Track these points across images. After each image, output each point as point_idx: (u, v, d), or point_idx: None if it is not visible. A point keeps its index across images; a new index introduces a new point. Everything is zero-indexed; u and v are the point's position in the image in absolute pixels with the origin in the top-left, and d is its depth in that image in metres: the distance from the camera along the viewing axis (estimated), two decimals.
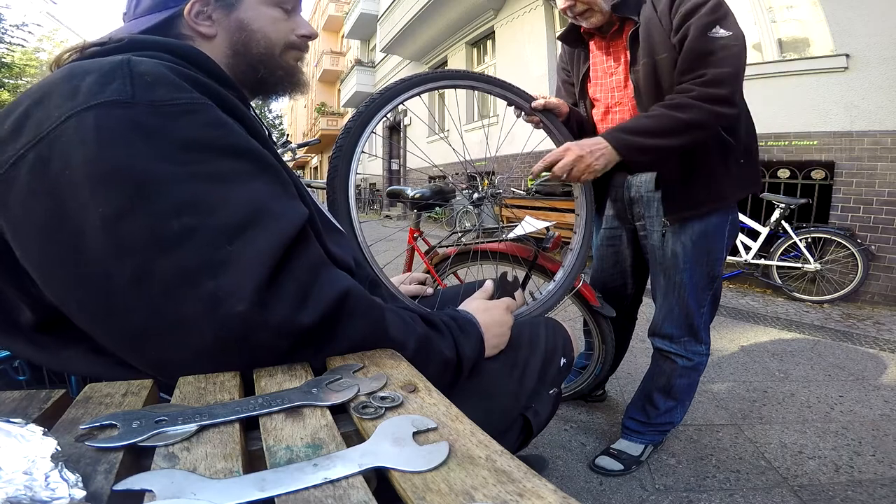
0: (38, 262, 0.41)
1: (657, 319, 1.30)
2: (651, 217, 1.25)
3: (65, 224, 0.38)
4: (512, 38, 7.07)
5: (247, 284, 0.39)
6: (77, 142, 0.38)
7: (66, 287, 0.40)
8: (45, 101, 0.41)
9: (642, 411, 1.36)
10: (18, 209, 0.40)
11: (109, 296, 0.39)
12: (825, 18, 3.33)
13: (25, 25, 14.25)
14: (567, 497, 0.26)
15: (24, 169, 0.39)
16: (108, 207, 0.38)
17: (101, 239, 0.38)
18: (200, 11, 0.57)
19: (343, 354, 0.47)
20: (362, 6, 11.87)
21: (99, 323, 0.41)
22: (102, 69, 0.42)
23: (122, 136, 0.39)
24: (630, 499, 1.22)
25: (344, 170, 0.84)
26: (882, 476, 1.29)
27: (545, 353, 0.71)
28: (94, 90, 0.40)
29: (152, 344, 0.40)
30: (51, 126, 0.39)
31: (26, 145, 0.39)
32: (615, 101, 1.22)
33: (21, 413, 0.35)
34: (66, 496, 0.25)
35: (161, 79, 0.42)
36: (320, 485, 0.27)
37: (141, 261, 0.38)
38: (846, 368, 2.07)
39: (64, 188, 0.38)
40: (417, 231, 1.92)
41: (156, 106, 0.41)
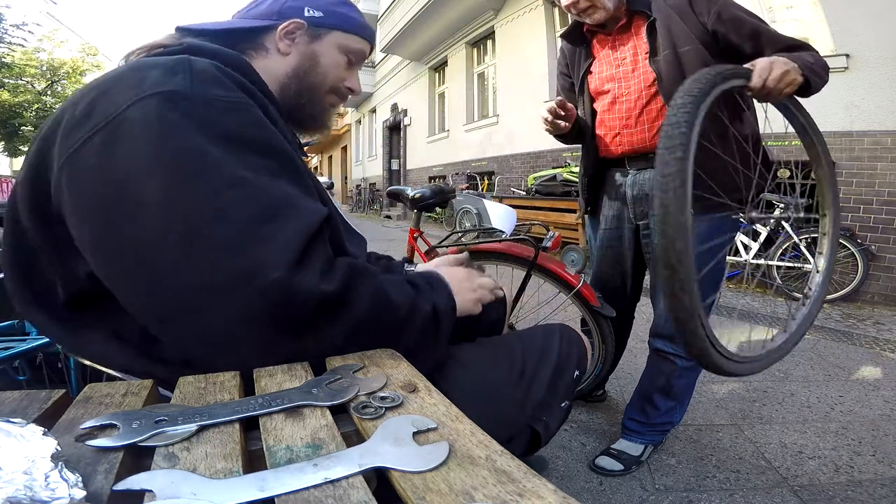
0: (95, 235, 0.44)
1: (658, 320, 1.29)
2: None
3: (125, 198, 0.42)
4: (512, 38, 7.06)
5: (281, 257, 0.43)
6: (141, 123, 0.43)
7: (117, 258, 0.44)
8: (113, 89, 0.46)
9: (641, 412, 1.35)
10: (83, 186, 0.44)
11: (158, 263, 0.42)
12: (825, 18, 3.33)
13: (25, 25, 14.26)
14: (567, 497, 0.26)
15: (91, 150, 0.43)
16: (167, 181, 0.42)
17: (158, 209, 0.42)
18: (290, 32, 0.66)
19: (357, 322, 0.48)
20: (362, 6, 11.85)
21: (141, 292, 0.44)
22: (167, 64, 0.47)
23: (181, 122, 0.43)
24: (630, 499, 1.22)
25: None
26: (882, 476, 1.29)
27: (557, 364, 0.69)
28: (158, 80, 0.45)
29: (187, 312, 0.43)
30: (118, 110, 0.43)
31: (94, 128, 0.44)
32: (621, 92, 1.20)
33: (21, 413, 0.35)
34: (66, 496, 0.25)
35: (213, 78, 0.48)
36: (320, 485, 0.27)
37: (191, 229, 0.42)
38: (846, 368, 2.07)
39: (126, 168, 0.42)
40: (417, 231, 1.92)
41: (208, 100, 0.46)
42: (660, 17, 1.10)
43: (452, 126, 8.96)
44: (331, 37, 0.69)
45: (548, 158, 6.10)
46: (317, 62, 0.69)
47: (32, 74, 16.14)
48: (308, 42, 0.68)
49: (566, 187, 4.56)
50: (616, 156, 1.27)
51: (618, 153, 1.26)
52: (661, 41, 1.10)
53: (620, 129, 1.22)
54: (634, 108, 1.18)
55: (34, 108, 16.04)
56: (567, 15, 1.46)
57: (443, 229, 6.73)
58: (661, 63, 1.10)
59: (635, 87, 1.17)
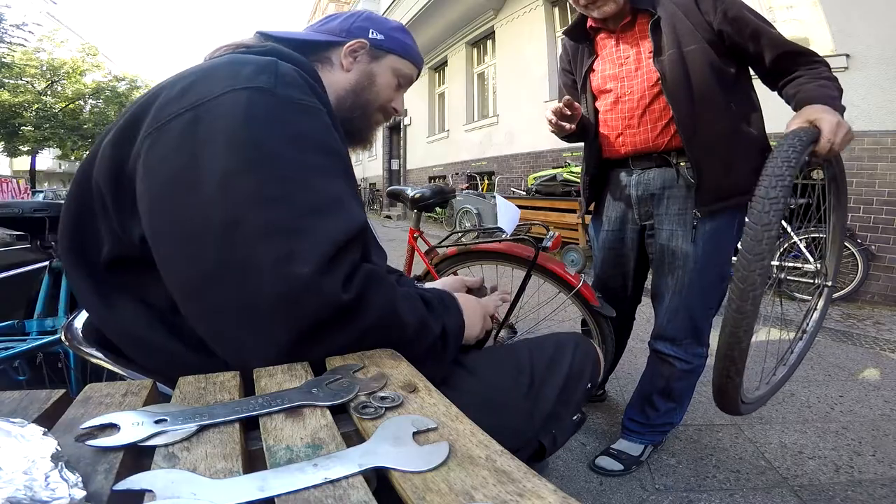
0: (156, 196, 0.48)
1: (661, 322, 1.27)
2: (661, 215, 1.21)
3: (191, 169, 0.46)
4: (512, 38, 7.06)
5: (316, 254, 0.45)
6: (229, 111, 0.47)
7: (170, 220, 0.47)
8: (210, 76, 0.51)
9: (641, 412, 1.35)
10: (160, 153, 0.48)
11: (202, 233, 0.45)
12: (825, 18, 3.33)
13: (25, 25, 14.25)
14: (567, 497, 0.26)
15: (179, 124, 0.48)
16: (231, 164, 0.45)
17: (216, 187, 0.45)
18: (354, 50, 0.73)
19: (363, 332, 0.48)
20: (362, 6, 11.87)
21: (181, 258, 0.47)
22: (259, 63, 0.52)
23: (263, 115, 0.48)
24: (630, 499, 1.22)
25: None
26: (882, 476, 1.29)
27: (568, 375, 0.68)
28: (249, 76, 0.50)
29: (217, 284, 0.45)
30: (211, 95, 0.48)
31: (187, 106, 0.48)
32: (623, 91, 1.19)
33: (21, 413, 0.35)
34: (66, 496, 0.25)
35: (294, 81, 0.52)
36: (320, 485, 0.27)
37: (240, 210, 0.45)
38: (846, 368, 2.07)
39: (204, 144, 0.46)
40: (417, 231, 1.92)
41: (288, 100, 0.50)
42: (665, 16, 1.09)
43: (452, 126, 8.96)
44: (388, 59, 0.76)
45: (548, 158, 6.10)
46: (373, 81, 0.75)
47: (32, 74, 16.12)
48: (368, 62, 0.75)
49: (566, 187, 4.56)
50: (620, 156, 1.26)
51: (621, 153, 1.24)
52: (665, 40, 1.08)
53: (623, 130, 1.21)
54: (637, 108, 1.17)
55: (34, 108, 16.03)
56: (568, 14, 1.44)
57: (443, 229, 6.73)
58: (666, 62, 1.09)
59: (638, 87, 1.16)
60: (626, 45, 1.18)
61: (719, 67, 1.07)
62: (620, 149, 1.23)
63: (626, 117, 1.19)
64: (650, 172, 1.22)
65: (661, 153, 1.18)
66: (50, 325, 1.39)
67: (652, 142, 1.17)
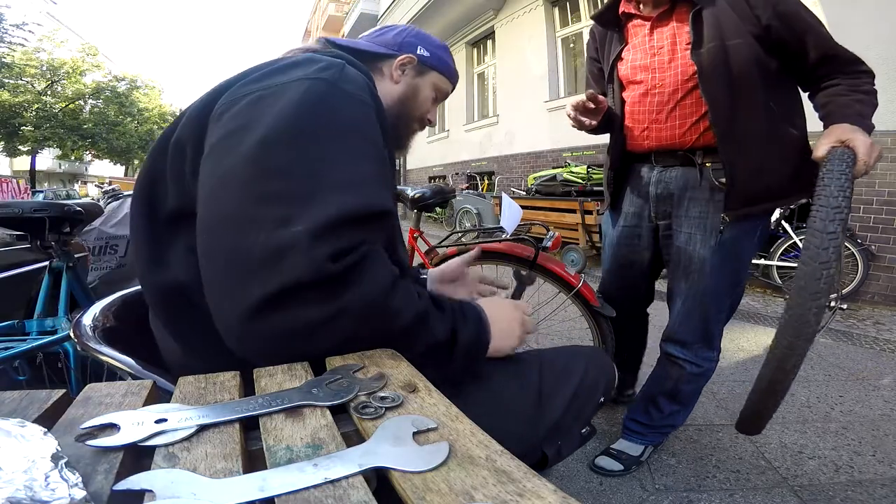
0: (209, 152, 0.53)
1: (673, 324, 1.24)
2: (680, 216, 1.17)
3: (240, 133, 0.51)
4: (512, 38, 7.06)
5: (314, 218, 0.46)
6: (289, 94, 0.53)
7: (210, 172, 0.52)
8: (286, 69, 0.57)
9: (645, 413, 1.34)
10: (226, 122, 0.53)
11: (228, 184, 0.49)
12: (825, 18, 3.33)
13: (25, 25, 14.25)
14: (567, 497, 0.26)
15: (247, 101, 0.54)
16: (271, 134, 0.49)
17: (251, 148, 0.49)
18: (403, 64, 0.80)
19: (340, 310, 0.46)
20: (362, 6, 11.86)
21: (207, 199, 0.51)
22: (329, 62, 0.59)
23: (316, 100, 0.53)
24: (630, 499, 1.22)
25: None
26: (882, 476, 1.29)
27: (579, 388, 0.67)
28: (317, 70, 0.56)
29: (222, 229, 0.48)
30: (283, 82, 0.55)
31: (260, 89, 0.55)
32: (654, 83, 1.13)
33: (21, 413, 0.35)
34: (66, 496, 0.25)
35: (356, 80, 0.59)
36: (320, 485, 0.27)
37: (264, 175, 0.48)
38: (846, 368, 2.07)
39: (259, 114, 0.52)
40: (417, 231, 1.92)
41: (345, 92, 0.56)
42: (707, 7, 1.03)
43: (452, 126, 8.96)
44: (431, 75, 0.83)
45: (548, 158, 6.10)
46: (416, 94, 0.82)
47: (32, 74, 16.12)
48: (414, 76, 0.81)
49: (566, 187, 4.56)
50: (643, 150, 1.21)
51: (645, 147, 1.19)
52: (707, 32, 1.02)
53: (649, 123, 1.15)
54: (668, 102, 1.11)
55: (34, 108, 16.03)
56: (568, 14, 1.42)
57: (443, 229, 6.73)
58: (705, 55, 1.02)
59: (671, 80, 1.09)
60: (661, 35, 1.12)
61: (763, 64, 1.01)
62: (644, 143, 1.18)
63: (654, 111, 1.14)
64: (672, 171, 1.17)
65: (686, 151, 1.13)
66: (50, 325, 1.39)
67: (678, 138, 1.12)
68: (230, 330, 0.48)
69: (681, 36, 1.08)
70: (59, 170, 29.93)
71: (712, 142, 1.07)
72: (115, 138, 18.65)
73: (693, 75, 1.06)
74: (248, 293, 0.45)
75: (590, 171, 4.49)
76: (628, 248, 1.33)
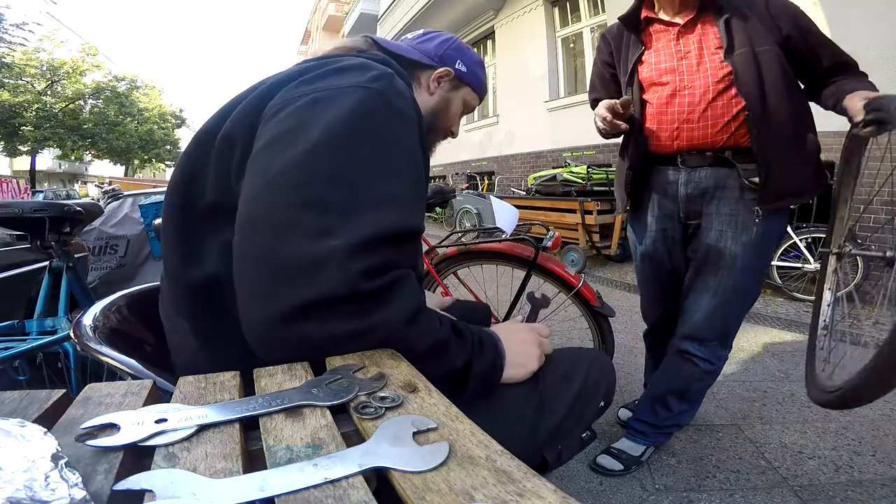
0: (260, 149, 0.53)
1: (695, 322, 1.23)
2: (710, 214, 1.19)
3: (293, 134, 0.51)
4: (512, 38, 7.07)
5: (355, 233, 0.47)
6: (344, 101, 0.53)
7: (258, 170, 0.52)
8: (341, 73, 0.58)
9: (652, 413, 1.34)
10: (279, 118, 0.54)
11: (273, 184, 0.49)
12: (825, 18, 3.33)
13: (25, 25, 14.25)
14: (567, 497, 0.26)
15: (304, 102, 0.54)
16: (324, 140, 0.50)
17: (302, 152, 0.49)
18: (441, 77, 0.81)
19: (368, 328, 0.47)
20: (362, 6, 11.87)
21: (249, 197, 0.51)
22: (381, 72, 0.59)
23: (368, 112, 0.54)
24: (630, 499, 1.22)
25: None
26: (882, 476, 1.29)
27: (581, 391, 0.66)
28: (371, 79, 0.57)
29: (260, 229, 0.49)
30: (338, 86, 0.56)
31: (316, 90, 0.55)
32: (683, 85, 1.16)
33: (21, 413, 0.34)
34: (66, 496, 0.25)
35: (404, 94, 0.59)
36: (320, 485, 0.27)
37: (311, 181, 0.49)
38: None
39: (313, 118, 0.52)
40: None
41: (394, 107, 0.56)
42: (735, 16, 1.10)
43: None
44: (464, 90, 0.85)
45: (548, 158, 6.10)
46: (448, 108, 0.83)
47: (32, 74, 16.12)
48: (448, 89, 0.83)
49: (566, 187, 4.56)
50: (668, 151, 1.22)
51: (673, 148, 1.21)
52: (737, 38, 1.09)
53: (679, 124, 1.17)
54: (699, 104, 1.13)
55: (34, 108, 16.03)
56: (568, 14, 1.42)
57: (443, 229, 6.73)
58: (738, 60, 1.08)
59: (701, 82, 1.13)
60: (688, 40, 1.16)
61: (786, 70, 1.10)
62: (673, 144, 1.20)
63: (684, 112, 1.16)
64: (701, 171, 1.19)
65: (716, 151, 1.16)
66: (50, 325, 1.39)
67: (710, 138, 1.15)
68: (256, 331, 0.48)
69: (707, 41, 1.14)
70: (59, 170, 29.92)
71: (742, 142, 1.12)
72: (115, 138, 18.65)
73: (724, 78, 1.11)
74: (279, 298, 0.46)
75: (590, 171, 4.49)
76: (662, 250, 1.33)
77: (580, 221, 4.17)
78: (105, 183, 10.87)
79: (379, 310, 0.48)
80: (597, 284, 3.81)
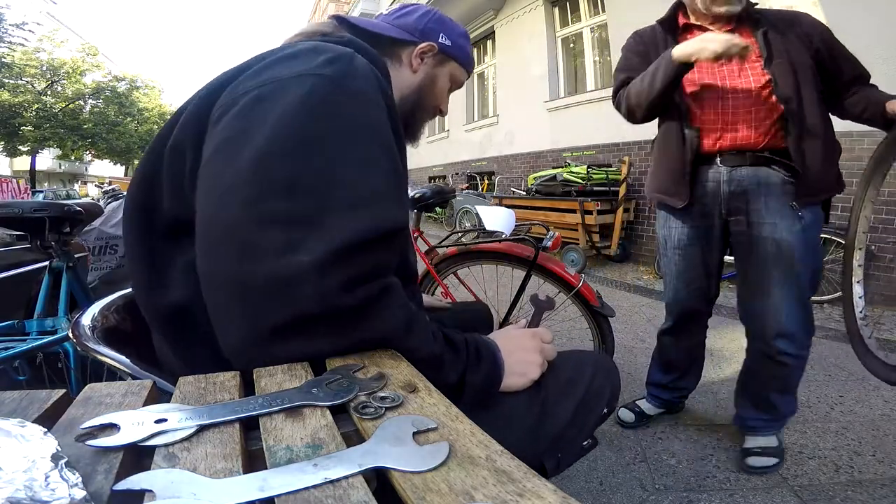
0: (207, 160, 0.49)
1: (777, 318, 1.24)
2: (759, 209, 1.24)
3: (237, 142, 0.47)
4: (512, 38, 7.06)
5: (323, 246, 0.43)
6: (289, 95, 0.48)
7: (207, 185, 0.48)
8: (289, 60, 0.53)
9: (763, 411, 1.36)
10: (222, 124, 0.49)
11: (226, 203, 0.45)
12: (825, 18, 3.33)
13: (25, 25, 14.26)
14: (567, 497, 0.26)
15: (246, 98, 0.50)
16: (272, 147, 0.45)
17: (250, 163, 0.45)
18: (424, 52, 0.76)
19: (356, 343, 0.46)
20: (362, 6, 11.86)
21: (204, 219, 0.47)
22: (334, 53, 0.53)
23: (319, 104, 0.48)
24: (630, 499, 1.22)
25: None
26: (882, 476, 1.29)
27: (584, 398, 0.63)
28: (322, 64, 0.51)
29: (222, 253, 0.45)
30: (282, 77, 0.50)
31: (260, 84, 0.50)
32: (727, 90, 1.22)
33: (21, 413, 0.34)
34: (66, 496, 0.25)
35: (365, 74, 0.53)
36: (320, 485, 0.27)
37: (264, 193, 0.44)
38: (846, 368, 2.07)
39: (257, 120, 0.47)
40: (417, 231, 1.92)
41: (352, 91, 0.51)
42: (771, 29, 1.19)
43: (452, 126, 8.96)
44: (450, 65, 0.80)
45: (548, 158, 6.10)
46: (434, 84, 0.79)
47: (32, 74, 16.13)
48: (433, 65, 0.78)
49: (566, 187, 4.55)
50: (708, 152, 1.27)
51: (715, 148, 1.26)
52: (775, 49, 1.18)
53: (722, 125, 1.23)
54: (741, 108, 1.20)
55: (34, 108, 16.03)
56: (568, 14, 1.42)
57: (443, 229, 6.73)
58: (777, 68, 1.17)
59: (743, 88, 1.20)
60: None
61: (817, 79, 1.20)
62: (716, 144, 1.25)
63: (728, 114, 1.22)
64: (742, 170, 1.24)
65: (756, 152, 1.22)
66: (50, 325, 1.39)
67: (752, 139, 1.21)
68: (236, 354, 0.46)
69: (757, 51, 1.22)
70: (59, 170, 29.93)
71: (780, 143, 1.20)
72: (115, 138, 18.67)
73: (765, 85, 1.19)
74: (255, 321, 0.44)
75: (590, 171, 4.49)
76: (697, 249, 1.37)
77: (580, 221, 4.17)
78: (105, 183, 10.87)
79: (363, 326, 0.46)
80: (597, 284, 3.81)
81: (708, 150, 1.27)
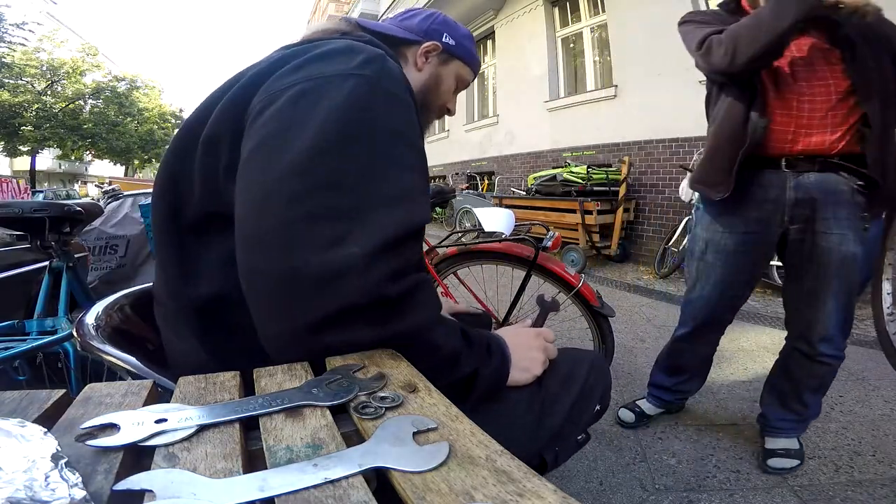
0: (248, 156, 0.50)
1: (826, 325, 1.23)
2: (828, 219, 1.17)
3: (280, 138, 0.48)
4: (512, 38, 7.06)
5: (372, 238, 0.45)
6: (333, 92, 0.50)
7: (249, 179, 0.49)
8: (326, 58, 0.54)
9: (792, 411, 1.36)
10: (263, 119, 0.50)
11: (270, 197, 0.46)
12: None
13: (25, 25, 14.26)
14: (567, 497, 0.26)
15: (287, 94, 0.51)
16: (317, 144, 0.47)
17: (296, 161, 0.46)
18: (429, 52, 0.79)
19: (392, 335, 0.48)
20: (362, 6, 11.86)
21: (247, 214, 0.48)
22: (370, 54, 0.55)
23: (362, 103, 0.50)
24: (630, 499, 1.22)
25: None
26: (882, 476, 1.30)
27: (580, 395, 0.66)
28: (360, 64, 0.53)
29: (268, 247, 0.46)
30: (323, 75, 0.52)
31: (301, 80, 0.51)
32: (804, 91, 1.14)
33: (21, 413, 0.34)
34: (66, 496, 0.25)
35: (398, 78, 0.56)
36: (320, 485, 0.27)
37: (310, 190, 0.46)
38: (846, 368, 2.07)
39: (301, 117, 0.49)
40: None
41: (390, 93, 0.53)
42: (852, 30, 1.11)
43: (452, 126, 8.96)
44: (454, 64, 0.82)
45: (548, 158, 6.10)
46: (439, 84, 0.81)
47: (32, 74, 16.13)
48: (438, 64, 0.80)
49: (566, 187, 4.55)
50: (772, 154, 1.19)
51: (784, 151, 1.18)
52: (857, 52, 1.11)
53: (796, 128, 1.16)
54: (819, 111, 1.13)
55: (34, 108, 16.03)
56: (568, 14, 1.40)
57: (443, 229, 6.73)
58: (859, 70, 1.11)
59: (822, 90, 1.13)
60: (800, 46, 1.16)
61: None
62: (785, 146, 1.18)
63: (804, 117, 1.15)
64: (810, 176, 1.17)
65: (827, 157, 1.16)
66: (50, 325, 1.39)
67: (827, 144, 1.14)
68: (275, 344, 0.47)
69: (822, 49, 1.14)
70: (59, 170, 29.92)
71: (854, 148, 1.13)
72: (115, 138, 18.66)
73: (845, 88, 1.12)
74: (299, 313, 0.45)
75: (590, 171, 4.49)
76: (747, 256, 1.30)
77: (580, 221, 4.17)
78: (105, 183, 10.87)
79: (403, 316, 0.48)
80: (597, 284, 3.81)
81: (774, 152, 1.19)
